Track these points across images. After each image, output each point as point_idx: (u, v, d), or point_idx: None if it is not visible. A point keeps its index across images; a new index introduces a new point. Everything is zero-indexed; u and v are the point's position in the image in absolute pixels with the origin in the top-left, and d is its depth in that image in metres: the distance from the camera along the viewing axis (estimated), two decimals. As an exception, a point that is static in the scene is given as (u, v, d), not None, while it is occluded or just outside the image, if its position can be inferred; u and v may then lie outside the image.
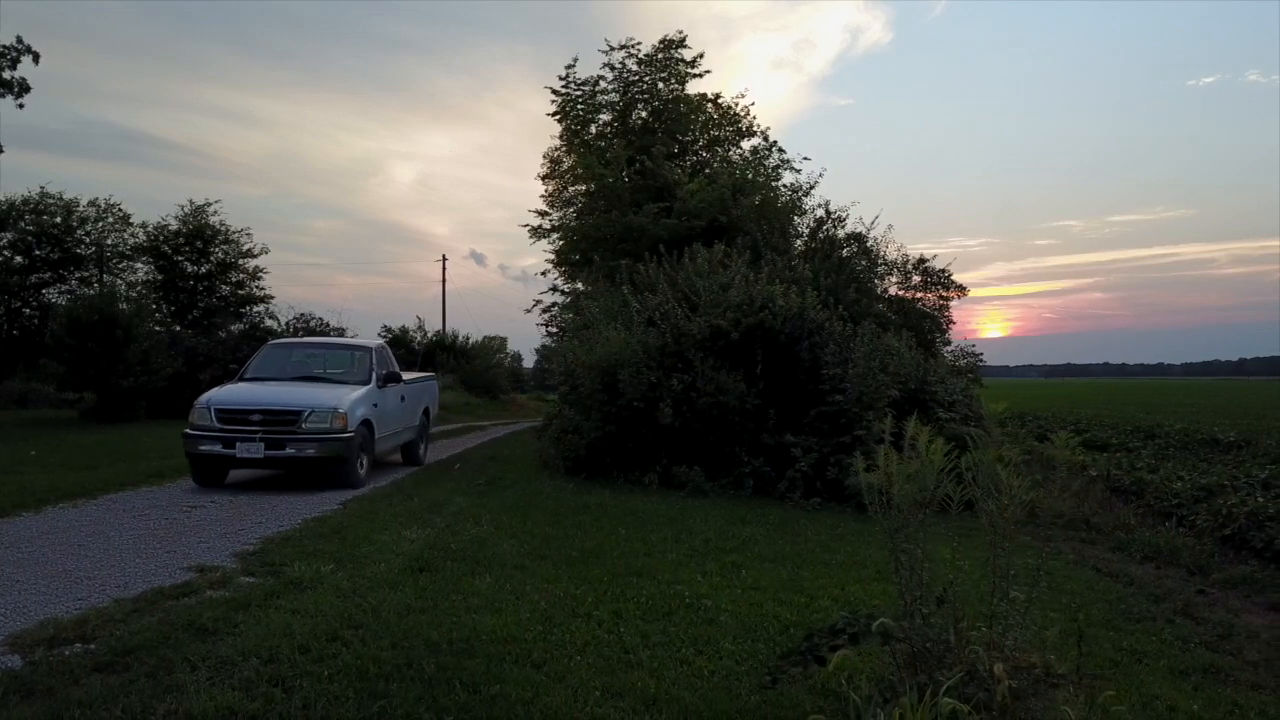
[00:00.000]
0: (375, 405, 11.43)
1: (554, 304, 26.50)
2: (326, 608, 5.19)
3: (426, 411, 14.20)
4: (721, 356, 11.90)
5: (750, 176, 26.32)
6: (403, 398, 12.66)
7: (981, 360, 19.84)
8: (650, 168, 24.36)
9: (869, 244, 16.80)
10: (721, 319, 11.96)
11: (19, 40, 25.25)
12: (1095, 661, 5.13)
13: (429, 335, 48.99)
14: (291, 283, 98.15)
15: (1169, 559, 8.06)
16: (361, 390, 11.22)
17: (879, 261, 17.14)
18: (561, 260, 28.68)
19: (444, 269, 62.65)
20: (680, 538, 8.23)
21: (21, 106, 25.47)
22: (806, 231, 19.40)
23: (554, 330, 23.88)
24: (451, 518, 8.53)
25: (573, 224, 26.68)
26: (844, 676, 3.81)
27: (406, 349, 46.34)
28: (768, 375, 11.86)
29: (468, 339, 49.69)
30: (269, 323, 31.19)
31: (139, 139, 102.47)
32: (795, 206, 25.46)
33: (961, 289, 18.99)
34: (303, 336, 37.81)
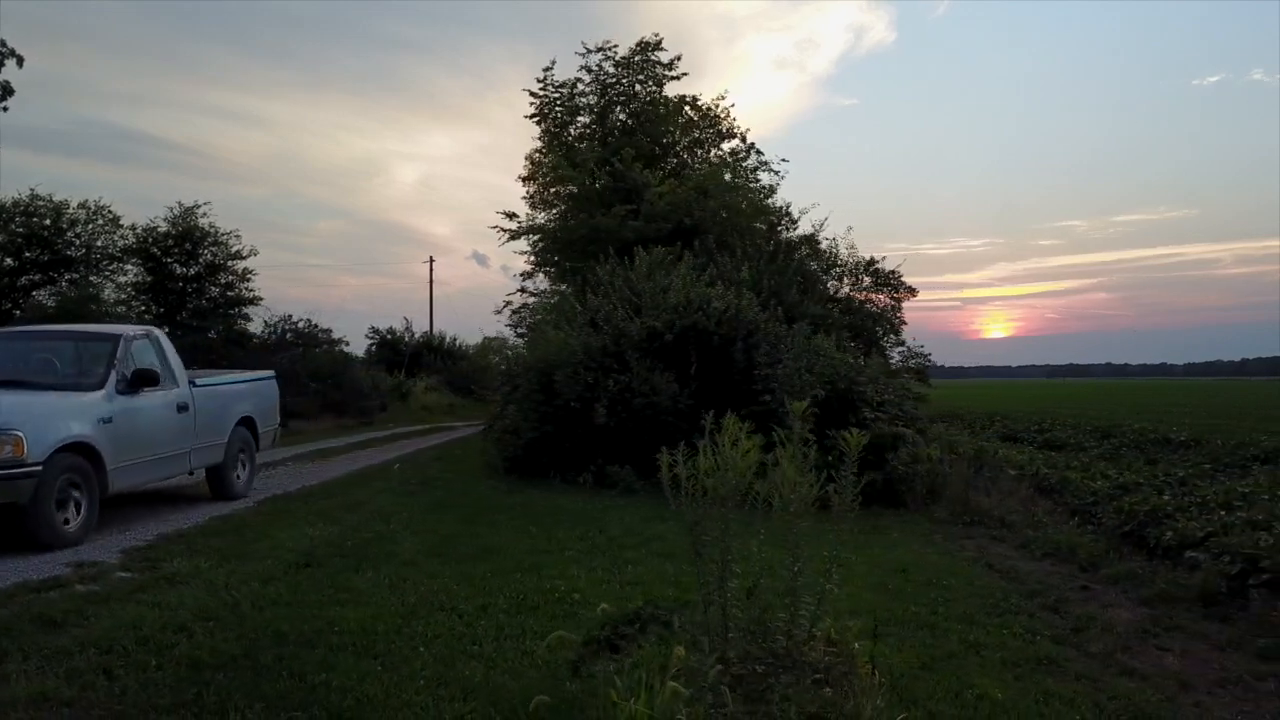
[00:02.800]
0: (108, 420, 8.00)
1: (523, 305, 26.72)
2: (189, 601, 5.35)
3: (251, 423, 10.69)
4: (657, 357, 12.06)
5: (727, 178, 26.51)
6: (183, 407, 9.20)
7: (929, 361, 20.02)
8: (620, 170, 24.57)
9: (821, 245, 17.02)
10: (657, 320, 12.12)
11: (1, 43, 25.42)
12: (932, 654, 5.28)
13: (416, 336, 49.16)
14: (293, 283, 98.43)
15: (1067, 556, 8.18)
16: (79, 399, 7.99)
17: (833, 263, 17.32)
18: (543, 262, 28.87)
19: (431, 270, 63.07)
20: (587, 535, 8.39)
21: (5, 109, 25.61)
22: (762, 233, 19.56)
23: (522, 332, 24.09)
24: (364, 516, 8.70)
25: (550, 225, 26.85)
26: (627, 665, 3.96)
27: (394, 349, 46.56)
28: (702, 376, 12.02)
29: (454, 340, 49.78)
30: (241, 324, 31.21)
31: (140, 139, 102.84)
32: (761, 209, 25.66)
33: (911, 290, 19.21)
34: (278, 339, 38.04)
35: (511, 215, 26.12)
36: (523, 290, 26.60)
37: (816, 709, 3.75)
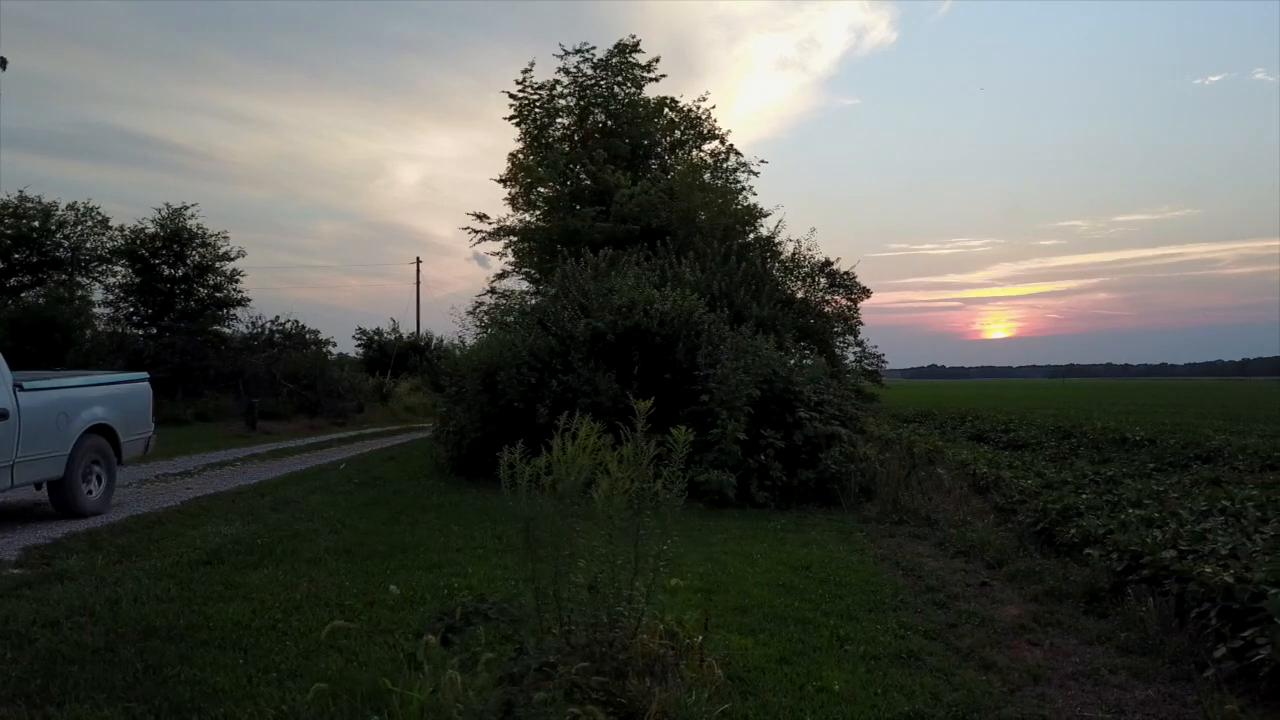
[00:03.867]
0: None
1: (495, 305, 26.82)
2: (70, 597, 5.46)
3: (109, 432, 9.42)
4: (601, 358, 12.17)
5: (707, 178, 26.63)
6: (1, 415, 7.95)
7: (883, 363, 20.09)
8: (592, 171, 24.71)
9: (780, 247, 17.11)
10: (601, 321, 12.23)
11: (-19, 46, 25.53)
12: (797, 648, 5.39)
13: (403, 338, 49.33)
14: (295, 284, 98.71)
15: (978, 553, 8.29)
16: None
17: (795, 265, 17.41)
18: (523, 263, 28.98)
19: (418, 272, 63.49)
20: (505, 535, 8.50)
21: None
22: (734, 234, 19.66)
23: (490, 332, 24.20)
24: (289, 515, 8.81)
25: (521, 226, 26.96)
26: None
27: (381, 350, 46.67)
28: (645, 376, 12.12)
29: (440, 341, 49.98)
30: (214, 326, 31.30)
31: (142, 141, 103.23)
32: (731, 212, 25.79)
33: (865, 291, 19.29)
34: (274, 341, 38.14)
35: (482, 216, 26.24)
36: (492, 291, 26.73)
37: (627, 699, 3.86)
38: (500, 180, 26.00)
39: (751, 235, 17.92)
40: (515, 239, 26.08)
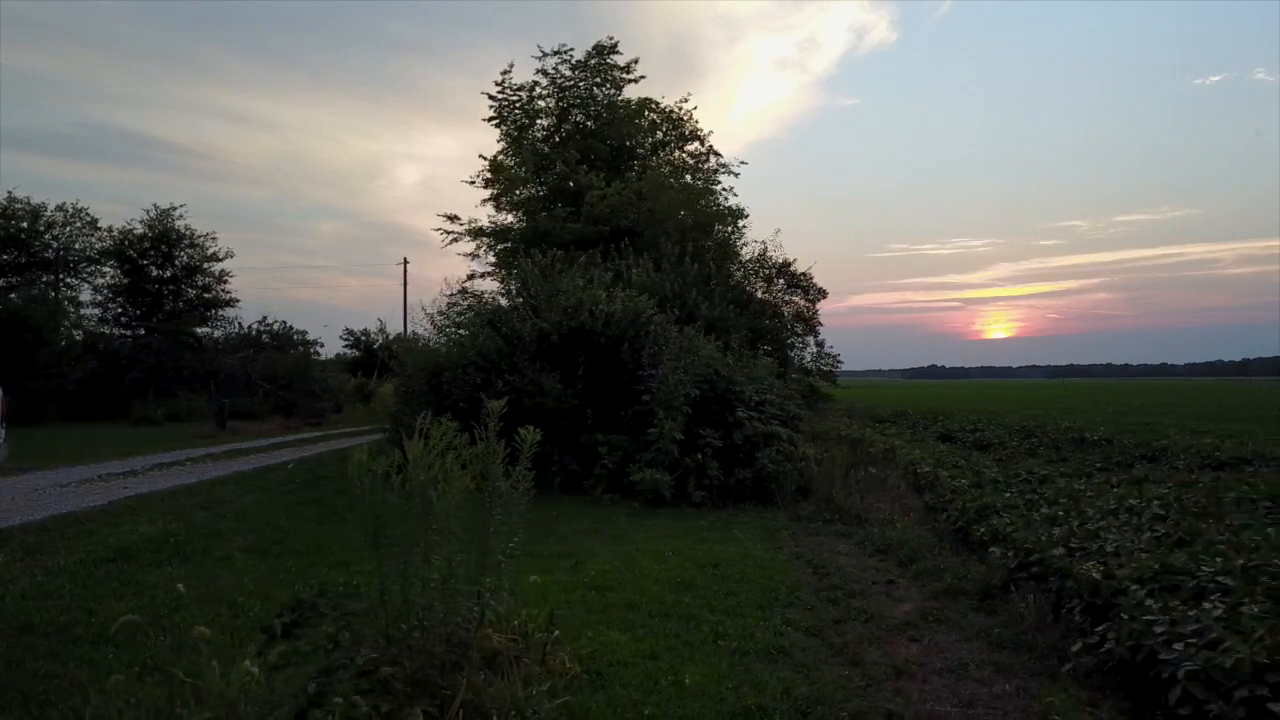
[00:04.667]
0: None
1: (468, 306, 26.87)
2: (-41, 593, 5.56)
3: None
4: (547, 359, 12.26)
5: (687, 179, 26.70)
6: None
7: (840, 364, 20.19)
8: (565, 171, 24.81)
9: (738, 248, 17.20)
10: (546, 322, 12.33)
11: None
12: (671, 643, 5.47)
13: (390, 338, 49.42)
14: (295, 285, 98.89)
15: (894, 551, 8.38)
16: None
17: (760, 266, 17.49)
18: (503, 264, 29.04)
19: (405, 272, 63.45)
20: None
21: None
22: (685, 235, 19.77)
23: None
24: (216, 514, 8.90)
25: (499, 228, 27.03)
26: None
27: (368, 350, 46.76)
28: (590, 376, 12.22)
29: (427, 342, 50.06)
30: (194, 327, 31.44)
31: (142, 141, 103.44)
32: (708, 212, 25.86)
33: (822, 293, 19.37)
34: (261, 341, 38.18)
35: (453, 218, 26.30)
36: (463, 292, 26.76)
37: (452, 692, 3.95)
38: (470, 181, 26.03)
39: (721, 236, 17.96)
40: (488, 240, 26.16)
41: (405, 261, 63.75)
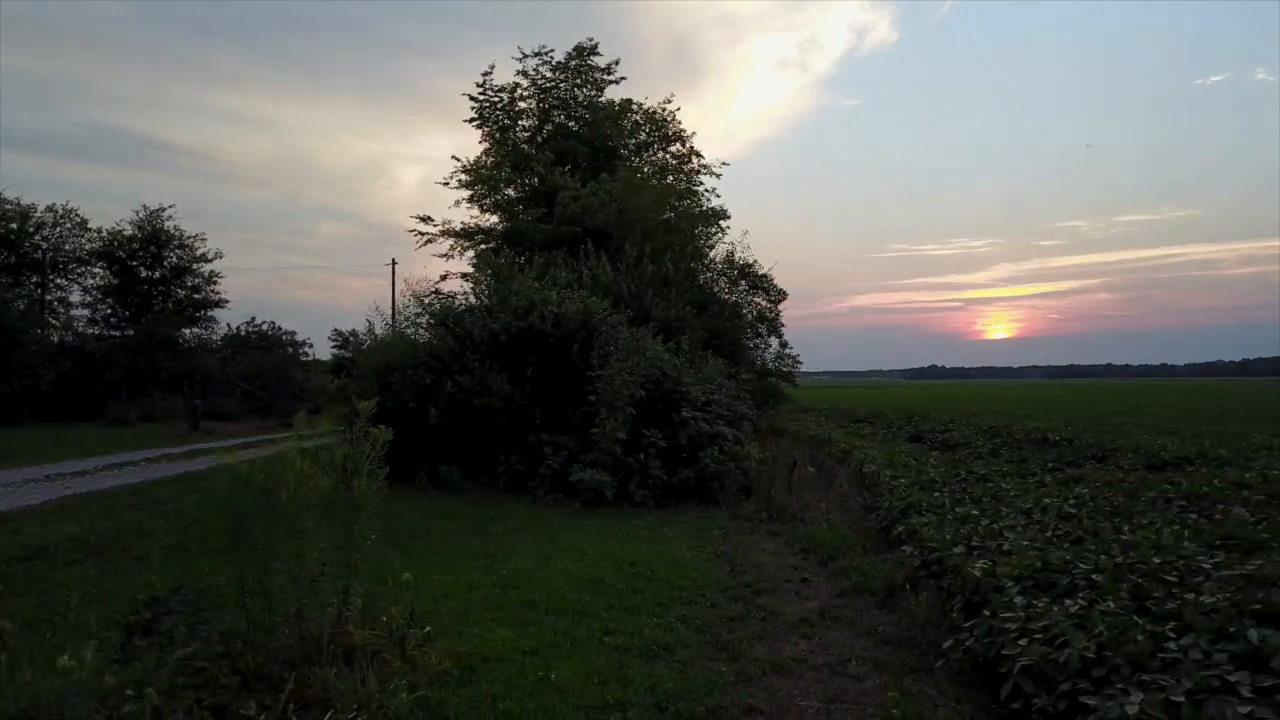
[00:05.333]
0: None
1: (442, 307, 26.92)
2: None
3: None
4: (497, 359, 12.33)
5: (669, 180, 26.77)
6: None
7: (799, 365, 20.26)
8: (540, 172, 24.89)
9: (702, 250, 17.23)
10: (496, 322, 12.40)
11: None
12: (557, 639, 5.54)
13: (377, 338, 49.26)
14: (296, 285, 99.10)
15: (818, 550, 8.46)
16: None
17: (729, 268, 17.57)
18: (484, 264, 29.08)
19: (394, 274, 63.56)
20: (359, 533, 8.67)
21: None
22: (654, 236, 19.84)
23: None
24: (147, 514, 8.97)
25: (472, 229, 27.09)
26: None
27: (355, 351, 46.77)
28: (539, 377, 12.29)
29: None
30: (167, 329, 31.39)
31: (142, 142, 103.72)
32: (686, 213, 25.92)
33: (782, 294, 19.41)
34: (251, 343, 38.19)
35: (426, 219, 26.35)
36: (436, 293, 26.82)
37: (297, 686, 4.02)
38: (444, 183, 26.07)
39: (692, 239, 18.02)
40: (462, 241, 26.23)
41: (393, 262, 63.68)
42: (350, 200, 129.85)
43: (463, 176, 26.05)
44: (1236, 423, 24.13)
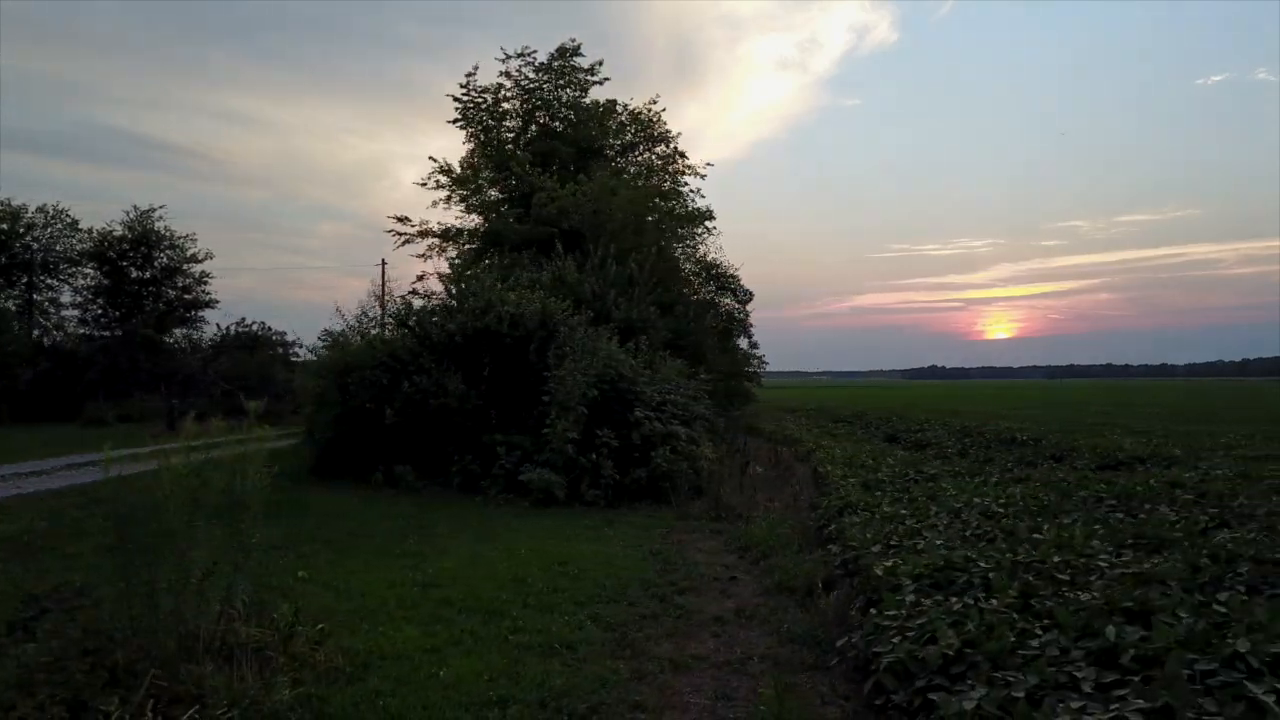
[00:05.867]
0: None
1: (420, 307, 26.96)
2: None
3: None
4: (453, 359, 12.37)
5: (653, 181, 26.82)
6: None
7: (765, 365, 20.30)
8: (519, 173, 24.93)
9: (668, 249, 17.28)
10: (453, 322, 12.45)
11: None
12: (465, 637, 5.58)
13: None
14: (296, 285, 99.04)
15: (754, 548, 8.50)
16: None
17: (705, 269, 17.66)
18: (467, 265, 29.12)
19: (383, 274, 63.57)
20: (303, 531, 8.75)
21: None
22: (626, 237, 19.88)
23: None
24: (88, 513, 9.00)
25: (449, 230, 27.11)
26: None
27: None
28: (496, 377, 12.33)
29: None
30: (149, 330, 31.38)
31: (142, 143, 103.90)
32: (665, 213, 25.97)
33: (749, 294, 19.47)
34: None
35: (404, 219, 26.37)
36: (414, 293, 26.88)
37: (168, 682, 4.07)
38: (422, 184, 26.07)
39: (662, 238, 18.08)
40: (439, 242, 26.27)
41: (383, 263, 63.87)
42: (350, 200, 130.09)
43: (440, 178, 26.12)
44: (1220, 423, 24.21)
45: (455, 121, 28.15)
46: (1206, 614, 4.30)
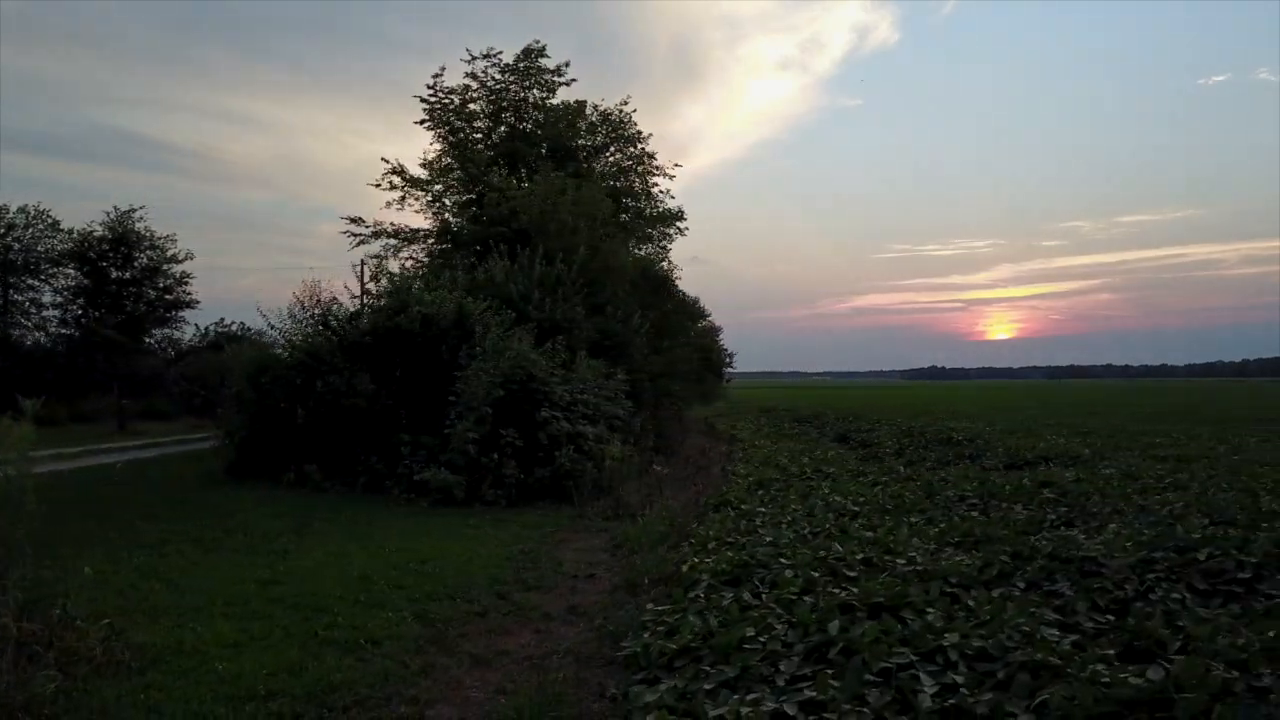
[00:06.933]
0: None
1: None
2: None
3: None
4: (366, 359, 12.44)
5: (560, 186, 26.91)
6: None
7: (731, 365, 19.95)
8: (474, 173, 25.00)
9: (602, 250, 17.37)
10: (365, 322, 12.51)
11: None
12: (275, 634, 5.64)
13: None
14: (296, 286, 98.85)
15: (630, 544, 8.57)
16: None
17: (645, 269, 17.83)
18: (445, 265, 29.15)
19: (362, 276, 63.58)
20: (188, 528, 8.86)
21: None
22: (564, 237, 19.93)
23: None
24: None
25: (402, 230, 27.12)
26: None
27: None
28: (408, 377, 12.39)
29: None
30: (110, 331, 31.31)
31: (142, 143, 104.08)
32: (626, 213, 26.06)
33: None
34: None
35: (356, 220, 26.38)
36: (367, 293, 26.91)
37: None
38: (376, 184, 26.05)
39: (601, 242, 18.19)
40: (398, 241, 26.31)
41: (362, 263, 64.00)
42: (351, 201, 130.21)
43: (394, 179, 26.17)
44: (1193, 423, 24.27)
45: (422, 122, 28.25)
46: (951, 610, 4.39)
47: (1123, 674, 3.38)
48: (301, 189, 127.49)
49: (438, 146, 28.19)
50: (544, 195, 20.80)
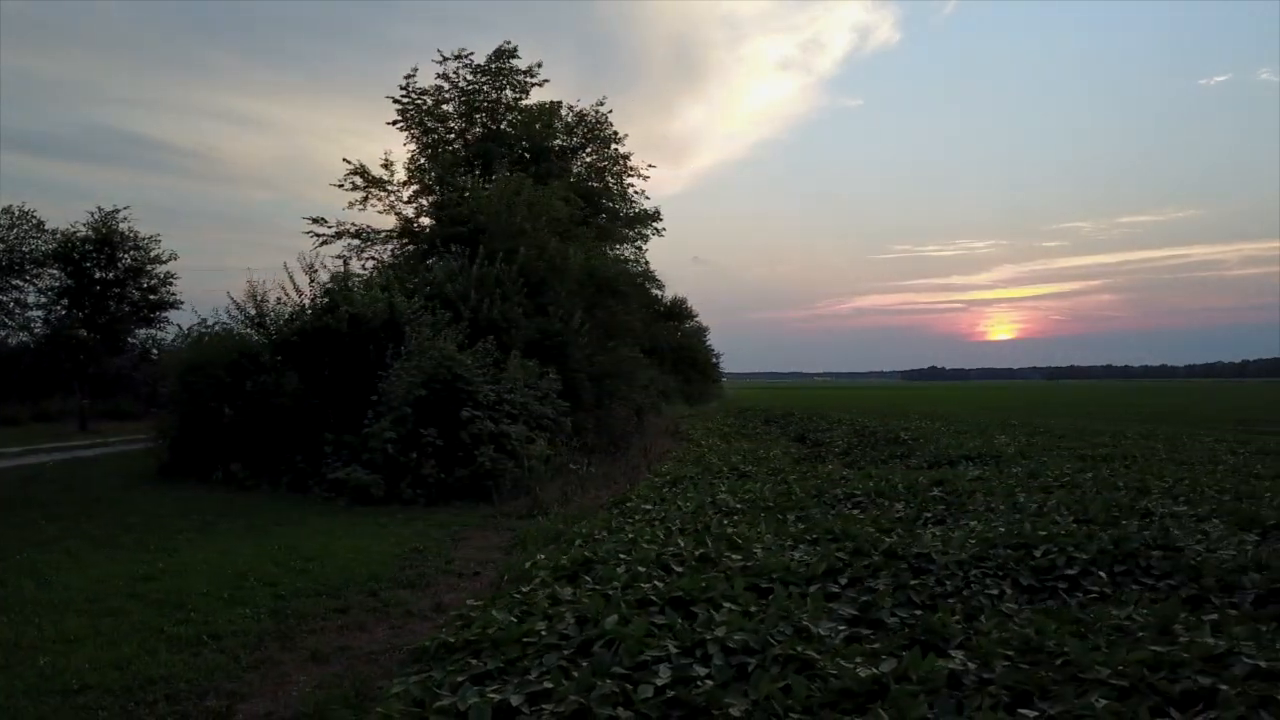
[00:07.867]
0: None
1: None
2: None
3: None
4: (294, 358, 12.49)
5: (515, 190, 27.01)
6: None
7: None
8: (438, 174, 25.04)
9: (547, 251, 17.42)
10: (296, 320, 12.56)
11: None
12: (126, 628, 5.70)
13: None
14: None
15: (530, 542, 8.62)
16: None
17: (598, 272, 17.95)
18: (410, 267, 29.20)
19: (345, 273, 63.69)
20: (89, 527, 8.90)
21: None
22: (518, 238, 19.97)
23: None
24: None
25: (365, 230, 27.12)
26: None
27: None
28: (336, 376, 12.43)
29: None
30: (80, 330, 31.37)
31: (144, 143, 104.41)
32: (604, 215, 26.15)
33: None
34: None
35: (318, 220, 26.38)
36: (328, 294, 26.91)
37: None
38: (340, 185, 26.04)
39: (551, 243, 18.26)
40: (357, 242, 26.33)
41: (345, 261, 64.18)
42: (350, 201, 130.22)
43: (356, 179, 26.20)
44: (1178, 425, 24.33)
45: (395, 123, 28.29)
46: (752, 605, 4.44)
47: (861, 669, 3.44)
48: (301, 189, 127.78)
49: (412, 147, 28.39)
50: (499, 195, 20.88)
